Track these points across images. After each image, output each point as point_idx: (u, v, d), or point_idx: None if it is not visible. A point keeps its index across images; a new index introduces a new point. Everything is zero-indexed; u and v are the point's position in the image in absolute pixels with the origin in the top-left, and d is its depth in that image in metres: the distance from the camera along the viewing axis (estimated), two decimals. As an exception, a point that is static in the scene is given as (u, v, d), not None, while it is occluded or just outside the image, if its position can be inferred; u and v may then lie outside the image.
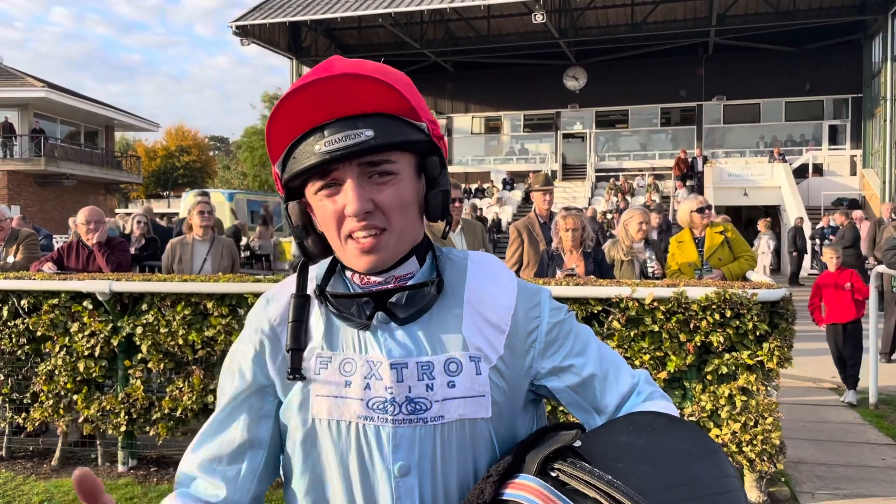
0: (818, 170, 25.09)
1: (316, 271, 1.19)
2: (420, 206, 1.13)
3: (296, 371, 1.10)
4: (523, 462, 1.02)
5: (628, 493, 0.90)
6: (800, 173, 24.24)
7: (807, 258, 18.24)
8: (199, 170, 54.18)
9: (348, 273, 1.15)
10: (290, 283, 1.19)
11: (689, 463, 0.97)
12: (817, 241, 18.30)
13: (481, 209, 23.45)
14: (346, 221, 1.06)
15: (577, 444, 1.00)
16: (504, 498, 0.97)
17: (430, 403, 1.07)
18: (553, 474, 0.97)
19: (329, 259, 1.19)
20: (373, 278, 1.12)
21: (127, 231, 9.27)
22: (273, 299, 1.20)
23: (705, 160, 24.51)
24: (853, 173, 24.90)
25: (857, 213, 15.99)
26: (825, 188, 23.81)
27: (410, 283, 1.13)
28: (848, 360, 6.71)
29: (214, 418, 1.17)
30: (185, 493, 1.12)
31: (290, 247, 17.24)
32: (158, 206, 34.67)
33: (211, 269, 5.74)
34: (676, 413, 1.12)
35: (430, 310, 1.11)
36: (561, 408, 3.80)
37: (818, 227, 18.90)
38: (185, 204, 19.16)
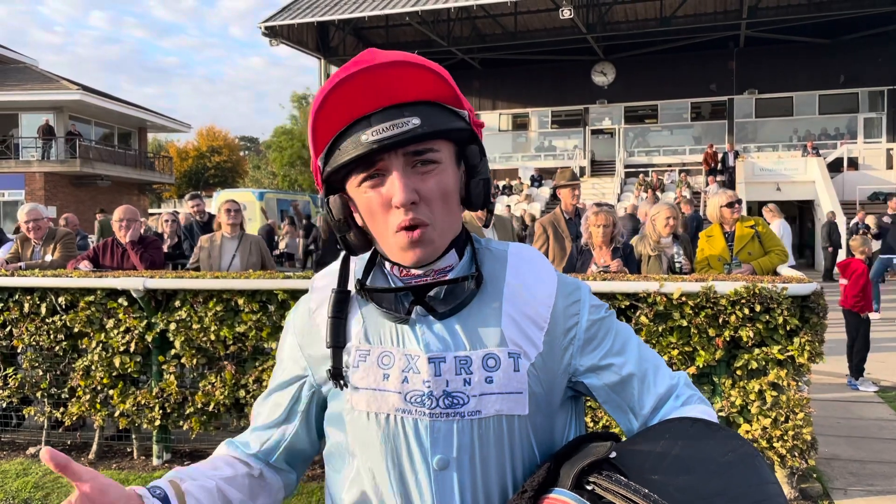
0: (853, 163, 24.61)
1: (356, 264, 1.20)
2: (460, 197, 1.13)
3: (337, 371, 1.11)
4: (558, 475, 1.01)
5: None
6: (834, 167, 23.79)
7: (841, 253, 17.89)
8: (230, 170, 54.79)
9: (388, 265, 1.16)
10: (332, 272, 1.20)
11: (727, 471, 0.95)
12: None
13: (509, 206, 23.39)
14: (392, 213, 1.05)
15: (613, 455, 0.99)
16: None
17: (468, 398, 1.07)
18: (589, 488, 0.96)
19: (368, 252, 1.20)
20: (413, 270, 1.12)
21: (159, 231, 9.42)
22: (314, 289, 1.22)
23: (737, 155, 24.16)
24: (889, 167, 24.38)
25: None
26: (860, 182, 23.34)
27: (450, 276, 1.13)
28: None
29: (267, 394, 1.28)
30: (231, 440, 1.29)
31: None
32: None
33: (240, 265, 5.83)
34: (714, 417, 1.10)
35: (468, 304, 1.10)
36: (589, 402, 3.80)
37: (853, 222, 18.54)
38: (215, 203, 19.46)
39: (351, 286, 1.17)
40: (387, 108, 1.04)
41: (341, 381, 1.12)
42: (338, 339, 1.12)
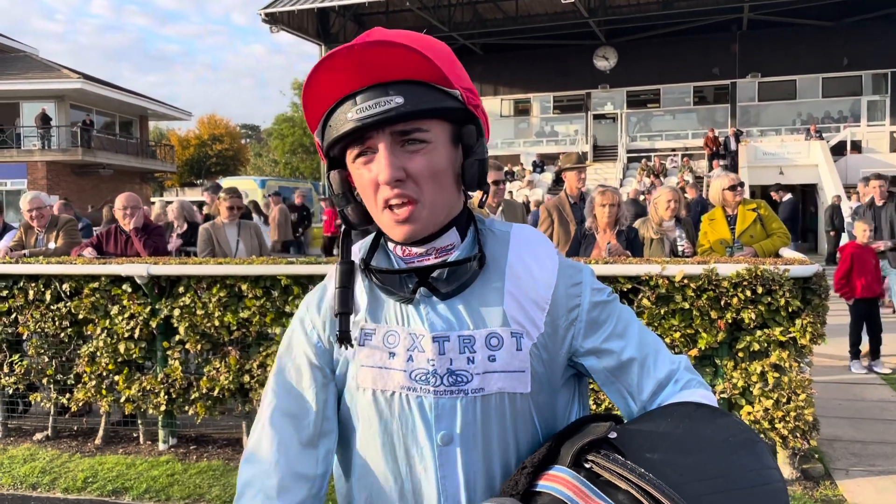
0: (856, 147, 24.49)
1: (360, 245, 1.22)
2: (457, 176, 1.13)
3: (344, 334, 1.12)
4: (558, 453, 1.03)
5: (659, 485, 0.91)
6: (837, 151, 23.67)
7: (844, 237, 17.87)
8: (232, 158, 54.71)
9: (390, 245, 1.18)
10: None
11: (728, 454, 0.97)
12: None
13: (511, 192, 23.36)
14: (381, 189, 1.07)
15: (613, 435, 1.01)
16: (537, 489, 0.99)
17: (471, 376, 1.09)
18: (587, 466, 0.97)
19: (372, 234, 1.22)
20: (414, 249, 1.14)
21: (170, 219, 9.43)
22: (328, 282, 1.23)
23: (738, 138, 24.05)
24: (893, 150, 24.27)
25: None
26: (864, 165, 23.15)
27: (453, 256, 1.14)
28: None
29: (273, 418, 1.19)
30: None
31: (321, 232, 17.57)
32: (192, 194, 35.11)
33: (245, 249, 5.86)
34: (715, 402, 1.11)
35: (471, 284, 1.12)
36: (592, 385, 3.82)
37: (854, 205, 18.47)
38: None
39: (356, 259, 1.19)
40: (372, 87, 1.05)
41: (347, 340, 1.12)
42: (346, 306, 1.13)
